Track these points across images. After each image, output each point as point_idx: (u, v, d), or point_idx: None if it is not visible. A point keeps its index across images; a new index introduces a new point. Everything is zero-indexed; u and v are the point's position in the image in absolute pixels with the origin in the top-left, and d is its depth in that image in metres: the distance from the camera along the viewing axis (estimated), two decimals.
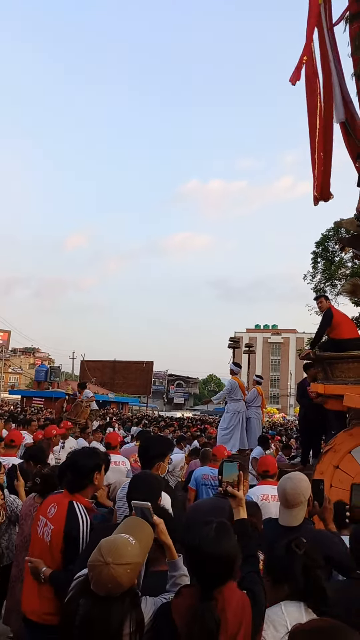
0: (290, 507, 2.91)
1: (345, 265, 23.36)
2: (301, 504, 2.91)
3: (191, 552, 2.04)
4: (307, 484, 2.98)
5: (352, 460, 6.69)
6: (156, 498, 2.63)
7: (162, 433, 14.97)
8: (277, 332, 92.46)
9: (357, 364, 6.84)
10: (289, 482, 2.95)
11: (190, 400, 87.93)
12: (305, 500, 2.94)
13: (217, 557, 1.94)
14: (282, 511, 2.96)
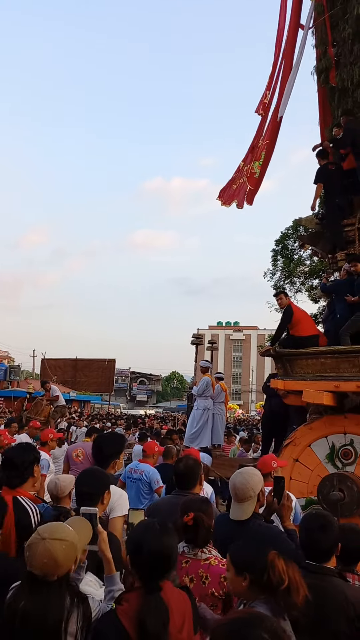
0: (240, 502, 2.93)
1: (304, 263, 23.79)
2: (251, 498, 2.94)
3: (136, 546, 2.10)
4: (257, 479, 3.00)
5: (311, 453, 6.86)
6: (102, 492, 2.77)
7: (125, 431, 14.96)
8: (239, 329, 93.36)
9: (316, 360, 7.01)
10: (239, 477, 2.99)
11: (153, 398, 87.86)
12: (255, 495, 2.96)
13: (158, 552, 2.04)
14: (233, 505, 3.00)
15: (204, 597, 2.53)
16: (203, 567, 2.58)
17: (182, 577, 2.58)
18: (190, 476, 3.44)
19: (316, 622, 2.23)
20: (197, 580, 2.57)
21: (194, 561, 2.61)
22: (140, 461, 6.02)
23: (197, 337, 12.30)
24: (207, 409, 10.15)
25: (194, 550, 2.63)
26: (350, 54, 8.35)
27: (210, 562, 2.59)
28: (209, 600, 2.53)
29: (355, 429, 6.62)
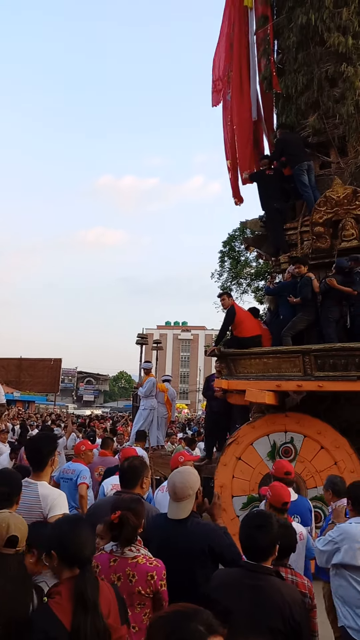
0: (179, 501, 2.95)
1: (251, 265, 24.23)
2: (189, 496, 2.96)
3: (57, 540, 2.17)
4: (195, 478, 3.03)
5: (253, 451, 7.01)
6: (17, 493, 2.91)
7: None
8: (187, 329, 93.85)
9: (259, 360, 7.16)
10: (178, 476, 3.00)
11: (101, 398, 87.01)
12: (194, 493, 2.98)
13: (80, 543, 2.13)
14: (171, 505, 3.00)
15: (130, 595, 2.54)
16: (130, 566, 2.59)
17: (110, 575, 2.58)
18: (132, 476, 3.45)
19: (254, 620, 2.29)
20: (124, 578, 2.57)
21: (122, 559, 2.61)
22: (73, 461, 6.05)
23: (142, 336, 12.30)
24: (153, 409, 10.19)
25: (122, 548, 2.64)
26: (294, 62, 8.57)
27: (138, 561, 2.60)
28: (136, 599, 2.54)
29: (295, 427, 6.81)
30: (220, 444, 8.35)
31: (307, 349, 6.75)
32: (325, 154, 8.34)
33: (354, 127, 7.73)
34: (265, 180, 8.47)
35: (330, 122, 8.10)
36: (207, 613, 1.36)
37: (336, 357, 6.58)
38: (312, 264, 7.60)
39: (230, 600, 2.36)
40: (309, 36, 8.39)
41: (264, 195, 8.44)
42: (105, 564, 2.63)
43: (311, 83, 8.27)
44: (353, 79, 7.80)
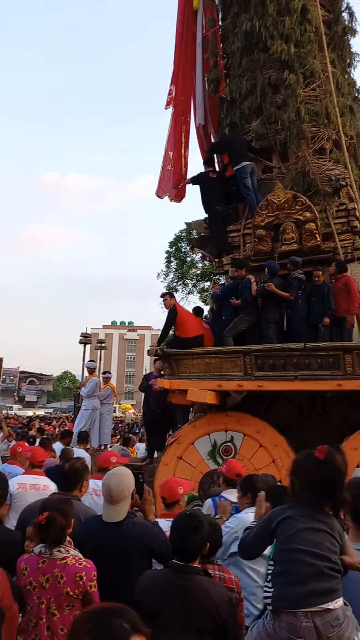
0: (115, 503, 2.92)
1: (196, 266, 24.46)
2: (125, 498, 2.94)
3: None
4: (130, 478, 3.01)
5: (194, 450, 7.07)
6: None
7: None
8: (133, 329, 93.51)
9: (201, 360, 7.23)
10: (113, 479, 2.95)
11: (44, 398, 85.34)
12: (129, 494, 2.97)
13: None
14: (107, 507, 2.96)
15: (59, 596, 2.52)
16: (59, 567, 2.56)
17: (38, 577, 2.55)
18: (72, 478, 3.41)
19: (181, 620, 2.30)
20: (52, 580, 2.54)
21: (50, 561, 2.59)
22: (9, 463, 5.93)
23: (85, 336, 12.17)
24: (95, 409, 10.09)
25: (50, 550, 2.60)
26: (239, 67, 8.72)
27: (67, 562, 2.58)
28: (65, 600, 2.52)
29: (235, 426, 6.92)
30: (160, 443, 8.36)
31: (247, 349, 6.88)
32: (267, 158, 8.52)
33: (295, 134, 7.94)
34: (207, 183, 8.58)
35: (273, 128, 8.28)
36: (133, 612, 1.36)
37: (275, 358, 6.74)
38: (254, 266, 7.75)
39: (159, 602, 2.37)
40: (253, 42, 8.56)
41: (207, 198, 8.55)
42: (34, 566, 2.59)
43: (255, 88, 8.43)
44: (295, 86, 8.02)
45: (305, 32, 8.34)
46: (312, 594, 1.58)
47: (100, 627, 1.30)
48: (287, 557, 1.71)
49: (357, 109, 9.09)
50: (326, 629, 1.55)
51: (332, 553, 1.72)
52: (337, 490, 1.83)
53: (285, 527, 1.80)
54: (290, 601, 1.60)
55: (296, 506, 1.87)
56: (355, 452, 6.21)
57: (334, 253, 7.47)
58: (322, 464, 1.85)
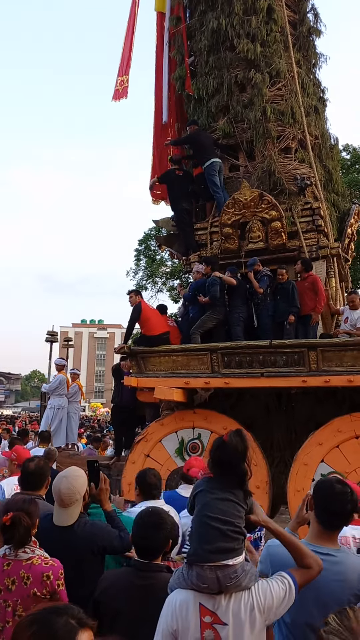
0: (66, 507, 2.86)
1: (166, 264, 24.43)
2: (77, 501, 2.89)
3: None
4: (82, 480, 2.95)
5: (161, 448, 7.07)
6: None
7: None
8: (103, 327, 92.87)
9: (168, 358, 7.23)
10: (64, 482, 2.87)
11: (12, 397, 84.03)
12: (81, 497, 2.91)
13: None
14: (57, 510, 2.89)
15: (25, 598, 2.47)
16: (25, 568, 2.51)
17: (4, 579, 2.49)
18: (37, 478, 3.35)
19: (143, 618, 2.30)
20: (18, 581, 2.48)
21: (16, 562, 2.53)
22: None
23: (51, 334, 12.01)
24: (62, 408, 9.97)
25: (15, 551, 2.55)
26: (205, 65, 8.73)
27: (33, 562, 2.52)
28: (31, 602, 2.47)
29: (202, 423, 6.95)
30: (128, 441, 8.33)
31: (214, 346, 6.91)
32: (234, 157, 8.56)
33: (261, 133, 7.99)
34: (174, 181, 8.60)
35: (239, 127, 8.33)
36: (77, 608, 1.37)
37: (242, 355, 6.79)
38: (221, 264, 7.78)
39: (120, 602, 2.36)
40: (219, 40, 8.59)
41: (173, 196, 8.57)
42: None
43: (221, 87, 8.46)
44: (261, 85, 8.08)
45: (271, 32, 8.42)
46: (215, 552, 1.99)
47: (45, 627, 1.29)
48: (199, 522, 2.09)
49: (322, 109, 9.22)
50: (225, 579, 1.97)
51: (236, 518, 2.08)
52: (235, 466, 2.15)
53: (200, 497, 2.17)
54: (199, 556, 2.02)
55: (210, 481, 2.21)
56: (319, 447, 6.32)
57: (299, 251, 7.57)
58: (224, 445, 2.18)
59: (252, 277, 7.28)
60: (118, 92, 9.63)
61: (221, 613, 1.98)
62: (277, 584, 2.06)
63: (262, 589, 2.03)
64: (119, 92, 9.63)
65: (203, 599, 2.01)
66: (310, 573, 2.14)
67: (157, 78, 9.76)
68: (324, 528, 2.38)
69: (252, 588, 2.02)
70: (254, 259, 7.42)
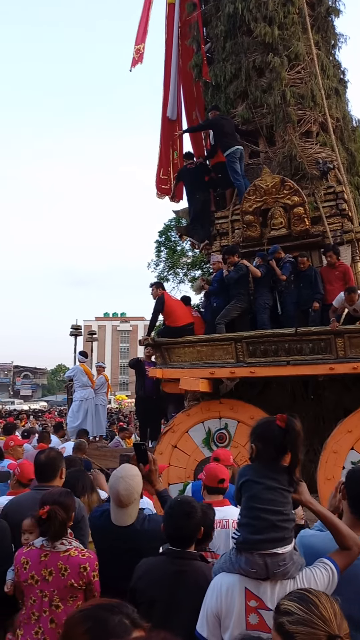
0: (124, 507, 2.83)
1: (187, 255, 24.34)
2: (135, 500, 2.87)
3: None
4: (139, 479, 2.91)
5: (188, 439, 7.07)
6: None
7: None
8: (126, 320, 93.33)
9: (192, 349, 7.21)
10: (122, 482, 2.83)
11: (39, 392, 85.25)
12: (139, 496, 2.90)
13: None
14: (116, 510, 2.85)
15: (63, 588, 2.50)
16: (62, 559, 2.55)
17: (41, 570, 2.53)
18: (49, 468, 3.36)
19: (179, 606, 2.31)
20: (56, 572, 2.53)
21: (53, 554, 2.56)
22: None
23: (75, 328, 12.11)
24: (86, 399, 10.07)
25: (52, 543, 2.58)
26: (222, 51, 8.61)
27: (70, 554, 2.56)
28: (68, 592, 2.50)
29: (229, 413, 6.92)
30: (152, 431, 8.36)
31: (239, 336, 6.86)
32: (254, 143, 8.45)
33: (281, 117, 7.87)
34: (186, 175, 8.57)
35: (259, 112, 8.20)
36: (130, 607, 1.33)
37: (267, 344, 6.73)
38: (244, 252, 7.71)
39: (155, 589, 2.37)
40: (236, 25, 8.46)
41: (188, 189, 8.57)
42: (36, 560, 2.57)
43: (239, 72, 8.34)
44: (279, 69, 7.93)
45: (289, 14, 8.25)
46: (265, 541, 2.04)
47: (99, 625, 1.26)
48: (249, 513, 2.12)
49: (343, 90, 9.02)
50: (273, 566, 2.01)
51: (285, 506, 2.12)
52: (297, 451, 2.17)
53: (247, 488, 2.18)
54: (249, 545, 2.06)
55: (255, 468, 2.22)
56: (349, 434, 6.23)
57: (323, 237, 7.45)
58: (284, 430, 2.17)
59: (274, 264, 7.20)
60: (135, 60, 9.62)
61: (266, 598, 2.01)
62: (320, 571, 2.07)
63: (306, 577, 2.05)
64: (135, 60, 9.61)
65: (249, 584, 2.04)
66: (351, 555, 2.14)
67: (166, 72, 9.70)
68: (358, 517, 2.34)
69: (296, 576, 2.05)
70: (275, 246, 7.33)
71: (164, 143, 9.73)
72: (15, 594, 2.77)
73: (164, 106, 9.68)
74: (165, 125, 9.73)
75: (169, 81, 9.63)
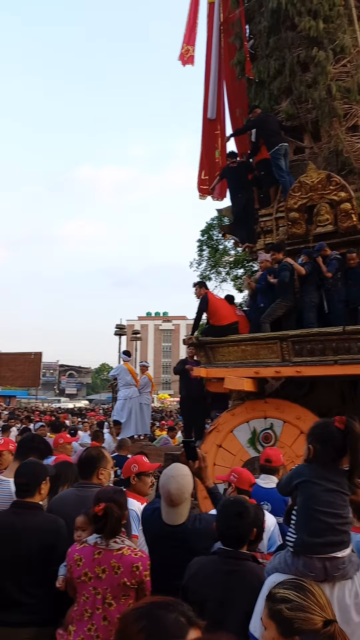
0: (175, 506, 2.83)
1: (229, 253, 24.23)
2: (186, 500, 2.85)
3: None
4: (190, 479, 2.89)
5: (233, 439, 7.03)
6: (38, 483, 2.99)
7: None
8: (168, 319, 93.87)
9: (237, 348, 7.16)
10: (173, 482, 2.82)
11: (83, 390, 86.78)
12: (190, 495, 2.88)
13: None
14: (167, 509, 2.86)
15: (115, 587, 2.52)
16: (115, 557, 2.57)
17: (94, 567, 2.55)
18: (86, 467, 3.41)
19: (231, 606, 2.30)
20: (109, 570, 2.55)
21: (107, 552, 2.59)
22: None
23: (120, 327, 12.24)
24: (130, 398, 10.17)
25: (106, 540, 2.60)
26: (266, 47, 8.50)
27: (123, 552, 2.58)
28: (121, 590, 2.53)
29: (274, 413, 6.84)
30: (197, 430, 8.36)
31: (284, 335, 6.77)
32: (299, 139, 8.32)
33: (327, 112, 7.70)
34: (228, 174, 8.51)
35: (303, 107, 8.06)
36: (186, 605, 1.31)
37: (313, 343, 6.61)
38: (289, 250, 7.60)
39: (207, 588, 2.36)
40: (280, 20, 8.33)
41: (231, 187, 8.50)
42: (89, 557, 2.59)
43: (283, 68, 8.21)
44: (324, 63, 7.77)
45: (334, 7, 8.06)
46: (325, 545, 2.03)
47: (155, 623, 1.24)
48: (307, 515, 2.10)
49: None
50: (333, 569, 2.02)
51: (343, 509, 2.11)
52: (357, 454, 2.15)
53: (305, 488, 2.16)
54: (308, 549, 2.05)
55: (314, 469, 2.19)
56: None
57: None
58: (344, 432, 2.17)
59: (320, 262, 7.07)
60: (182, 56, 9.65)
61: None
62: None
63: None
64: (184, 58, 9.64)
65: None
66: None
67: (207, 73, 9.67)
68: None
69: (354, 576, 2.07)
70: (321, 243, 7.20)
71: (205, 143, 9.70)
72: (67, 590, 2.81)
73: (205, 107, 9.66)
74: (205, 126, 9.70)
75: (209, 81, 9.61)
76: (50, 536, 2.87)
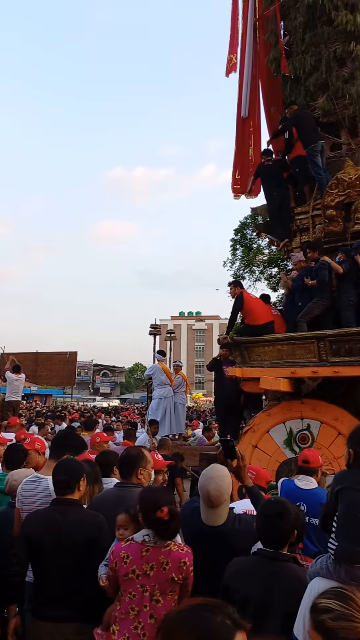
0: (215, 507, 2.82)
1: (263, 252, 24.02)
2: (225, 501, 2.85)
3: None
4: (229, 480, 2.88)
5: (269, 439, 6.97)
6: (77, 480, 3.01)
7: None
8: (201, 319, 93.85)
9: (272, 347, 7.09)
10: (212, 484, 2.81)
11: (117, 390, 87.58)
12: (229, 497, 2.88)
13: None
14: (206, 510, 2.86)
15: (164, 582, 2.54)
16: (163, 554, 2.58)
17: (142, 565, 2.56)
18: (126, 467, 3.43)
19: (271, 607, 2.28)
20: (157, 567, 2.56)
21: (155, 549, 2.59)
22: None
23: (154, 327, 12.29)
24: (164, 398, 10.19)
25: (155, 538, 2.61)
26: (301, 43, 8.39)
27: (171, 548, 2.59)
28: (169, 586, 2.54)
29: (311, 414, 6.75)
30: (232, 430, 8.31)
31: (321, 334, 6.66)
32: (335, 135, 8.18)
33: None
34: (262, 172, 8.41)
35: (340, 103, 7.92)
36: (231, 607, 1.29)
37: (352, 342, 6.48)
38: (326, 248, 7.49)
39: (247, 588, 2.35)
40: (316, 16, 8.20)
41: (266, 185, 8.40)
42: (137, 554, 2.60)
43: (319, 64, 8.08)
44: None
45: None
46: None
47: (202, 625, 1.22)
48: (349, 522, 2.06)
49: None
50: None
51: None
52: None
53: (346, 495, 2.13)
54: (351, 557, 2.02)
55: (355, 474, 2.16)
56: None
57: None
58: None
59: (358, 259, 6.92)
60: (228, 68, 9.68)
61: None
62: None
63: None
64: (228, 68, 9.67)
65: None
66: None
67: (240, 70, 9.60)
68: None
69: None
70: (359, 241, 7.06)
71: (239, 142, 9.60)
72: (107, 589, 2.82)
73: (239, 106, 9.58)
74: (239, 125, 9.61)
75: (242, 80, 9.53)
76: (94, 529, 2.92)
